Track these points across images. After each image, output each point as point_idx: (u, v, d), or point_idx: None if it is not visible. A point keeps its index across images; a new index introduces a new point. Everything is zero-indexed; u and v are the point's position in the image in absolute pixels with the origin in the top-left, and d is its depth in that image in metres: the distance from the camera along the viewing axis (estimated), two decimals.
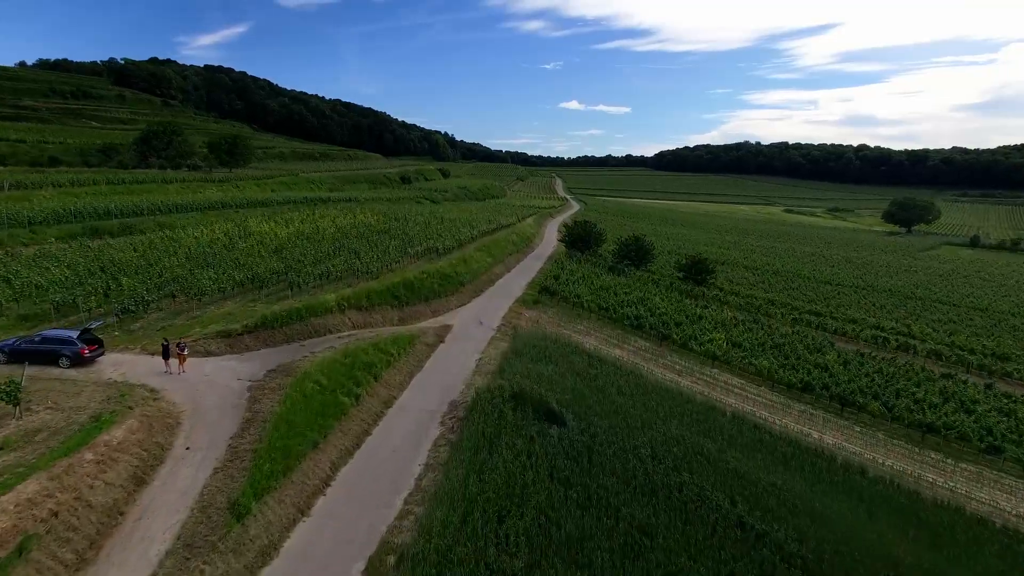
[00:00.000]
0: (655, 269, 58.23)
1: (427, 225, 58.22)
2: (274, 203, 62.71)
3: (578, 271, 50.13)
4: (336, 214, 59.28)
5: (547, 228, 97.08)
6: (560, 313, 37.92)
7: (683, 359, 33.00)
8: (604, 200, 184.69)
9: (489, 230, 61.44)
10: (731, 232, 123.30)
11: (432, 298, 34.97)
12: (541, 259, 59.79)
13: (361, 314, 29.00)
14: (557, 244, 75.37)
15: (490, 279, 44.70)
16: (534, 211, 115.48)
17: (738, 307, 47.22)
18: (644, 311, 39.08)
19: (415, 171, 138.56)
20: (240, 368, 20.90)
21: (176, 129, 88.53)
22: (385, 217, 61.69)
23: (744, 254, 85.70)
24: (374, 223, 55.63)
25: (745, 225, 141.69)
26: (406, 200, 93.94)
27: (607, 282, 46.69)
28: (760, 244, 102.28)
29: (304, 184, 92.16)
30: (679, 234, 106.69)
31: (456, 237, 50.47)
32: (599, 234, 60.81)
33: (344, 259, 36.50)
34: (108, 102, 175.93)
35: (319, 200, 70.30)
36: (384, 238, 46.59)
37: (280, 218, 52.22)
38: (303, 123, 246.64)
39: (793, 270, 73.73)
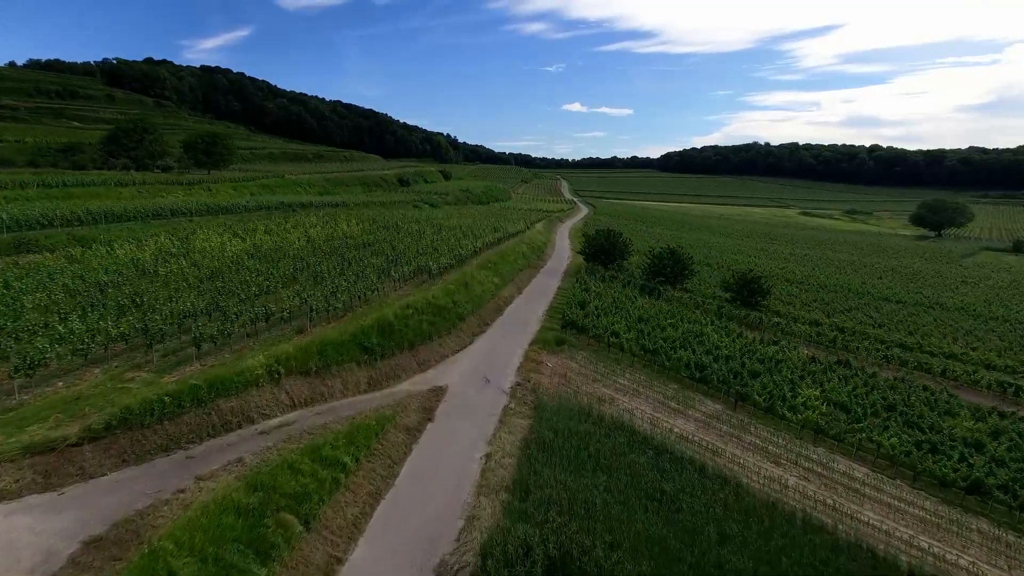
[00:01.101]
0: (694, 287, 48.21)
1: (421, 235, 48.31)
2: (245, 209, 52.96)
3: (606, 293, 40.11)
4: (314, 222, 49.47)
5: (558, 234, 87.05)
6: (593, 359, 27.93)
7: (773, 432, 22.96)
8: (613, 203, 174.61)
9: (495, 240, 51.49)
10: (754, 237, 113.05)
11: (420, 342, 25.04)
12: (556, 275, 49.82)
13: (309, 382, 19.04)
14: (571, 254, 65.41)
15: (498, 307, 34.73)
16: (542, 215, 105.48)
17: (806, 338, 37.16)
18: (702, 353, 29.06)
19: (414, 173, 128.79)
20: (40, 529, 11.02)
21: (148, 127, 78.94)
22: (373, 225, 51.80)
23: (779, 264, 75.52)
24: (357, 234, 45.76)
25: (766, 229, 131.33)
26: (402, 204, 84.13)
27: (644, 309, 36.63)
28: (791, 251, 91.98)
29: (289, 187, 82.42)
30: (701, 240, 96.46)
31: (455, 251, 40.55)
32: (625, 245, 50.77)
33: (302, 288, 26.60)
34: (96, 102, 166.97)
35: (300, 205, 60.52)
36: (364, 254, 36.72)
37: (242, 228, 42.47)
38: (302, 124, 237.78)
39: (840, 283, 63.51)
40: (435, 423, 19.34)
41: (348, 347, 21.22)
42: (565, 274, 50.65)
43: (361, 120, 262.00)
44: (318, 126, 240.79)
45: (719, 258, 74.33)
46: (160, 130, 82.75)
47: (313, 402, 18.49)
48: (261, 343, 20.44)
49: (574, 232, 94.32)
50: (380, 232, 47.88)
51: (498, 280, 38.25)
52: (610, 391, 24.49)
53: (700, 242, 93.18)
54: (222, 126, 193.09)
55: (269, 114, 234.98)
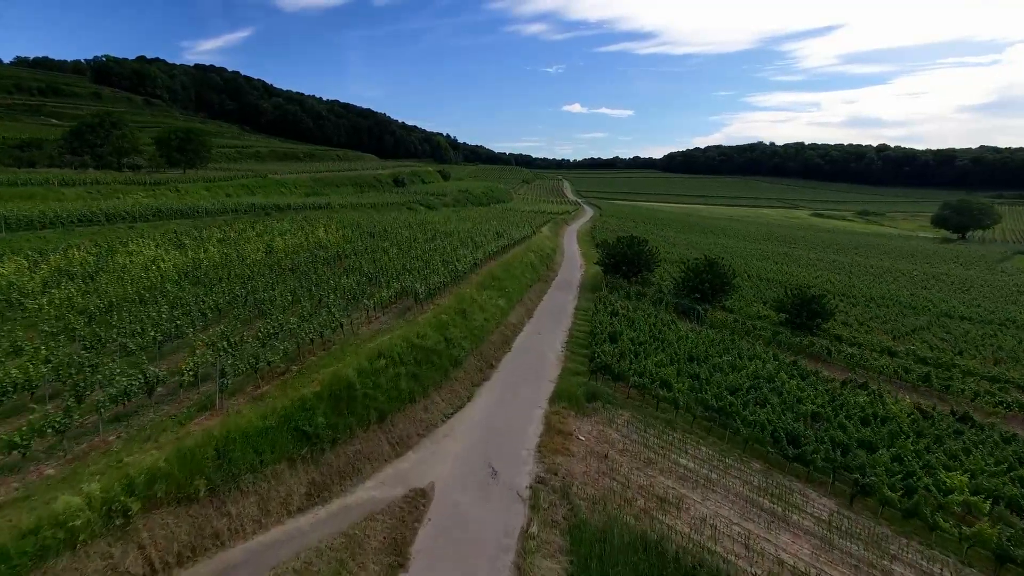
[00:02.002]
0: (734, 305, 40.27)
1: (411, 244, 40.36)
2: (207, 213, 44.97)
3: (637, 317, 32.10)
4: (285, 228, 41.54)
5: (565, 239, 79.12)
6: (639, 422, 20.00)
7: (925, 551, 15.13)
8: (617, 204, 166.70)
9: (498, 249, 43.52)
10: (771, 241, 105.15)
11: (396, 408, 17.13)
12: (571, 289, 41.91)
13: (192, 516, 11.12)
14: (583, 262, 57.56)
15: (504, 339, 26.78)
16: (547, 217, 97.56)
17: (890, 375, 29.20)
18: (781, 409, 21.15)
19: (410, 173, 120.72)
20: None
21: (116, 122, 71.01)
22: (355, 232, 43.88)
23: (812, 272, 67.58)
24: (334, 242, 37.80)
25: (781, 232, 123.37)
26: (395, 206, 76.19)
27: (691, 341, 28.59)
28: (818, 256, 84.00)
29: (271, 188, 74.43)
30: (719, 245, 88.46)
31: (451, 265, 32.60)
32: (651, 255, 42.72)
33: (228, 329, 18.66)
34: (81, 100, 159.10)
35: (276, 208, 52.54)
36: (335, 271, 28.80)
37: (193, 236, 34.56)
38: (298, 124, 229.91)
39: (888, 295, 55.55)
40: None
41: (276, 437, 13.26)
42: (581, 288, 42.73)
43: (359, 120, 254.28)
44: (315, 126, 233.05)
45: (745, 265, 66.33)
46: (130, 126, 74.81)
47: (195, 557, 10.52)
48: (130, 439, 12.47)
49: (582, 236, 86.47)
50: (362, 240, 39.93)
51: (504, 302, 30.29)
52: (673, 482, 16.53)
53: (718, 247, 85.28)
54: (214, 125, 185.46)
55: (264, 113, 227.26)
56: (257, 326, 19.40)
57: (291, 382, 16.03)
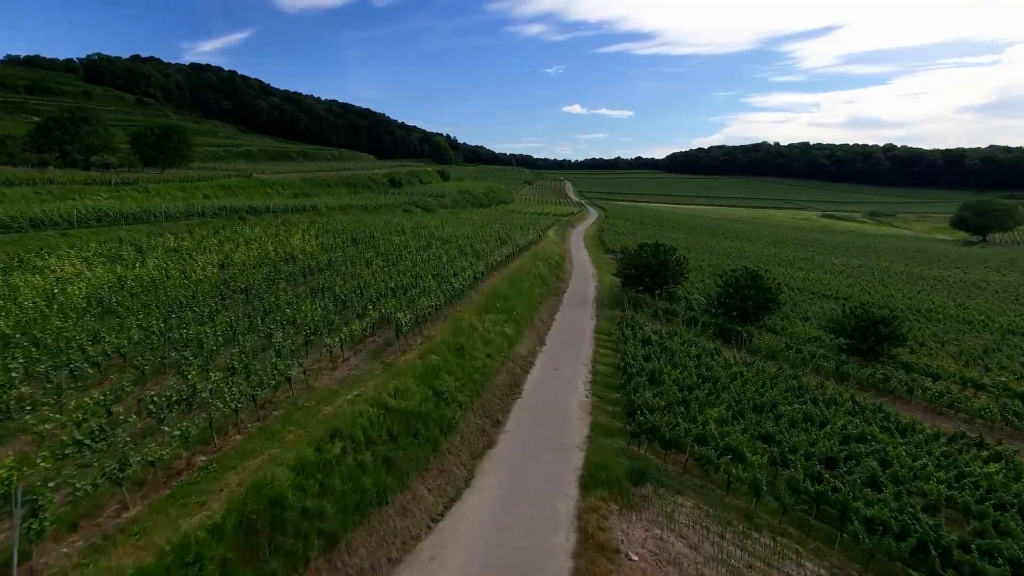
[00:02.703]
0: (776, 323, 34.17)
1: (401, 252, 34.30)
2: (172, 217, 38.83)
3: (674, 346, 25.87)
4: (255, 235, 35.51)
5: (572, 243, 73.08)
6: (709, 523, 13.98)
7: None
8: (622, 205, 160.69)
9: (503, 258, 37.48)
10: (788, 244, 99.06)
11: (353, 525, 11.14)
12: (586, 305, 35.78)
13: None
14: (595, 270, 51.51)
15: (512, 382, 20.64)
16: (551, 220, 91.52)
17: (990, 421, 23.19)
18: (890, 484, 15.19)
19: (407, 172, 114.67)
20: None
21: (87, 117, 65.09)
22: (339, 239, 37.85)
23: (843, 280, 61.49)
24: (309, 252, 31.76)
25: (795, 234, 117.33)
26: (389, 208, 70.16)
27: (745, 379, 22.50)
28: (843, 262, 77.85)
29: (256, 188, 68.45)
30: (735, 249, 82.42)
31: (446, 280, 26.61)
32: (680, 264, 36.57)
33: (106, 394, 12.61)
34: (71, 98, 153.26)
35: (252, 211, 46.46)
36: (299, 293, 22.74)
37: (140, 245, 28.60)
38: (296, 124, 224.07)
39: (935, 307, 49.53)
40: None
41: None
42: (597, 304, 36.63)
43: (358, 120, 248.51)
44: (312, 126, 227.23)
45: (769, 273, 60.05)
46: (103, 122, 68.82)
47: None
48: None
49: (589, 239, 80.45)
50: (344, 249, 33.91)
51: (511, 328, 24.21)
52: None
53: (734, 251, 79.26)
54: (208, 125, 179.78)
55: (261, 113, 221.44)
56: (157, 388, 13.33)
57: (183, 493, 9.99)
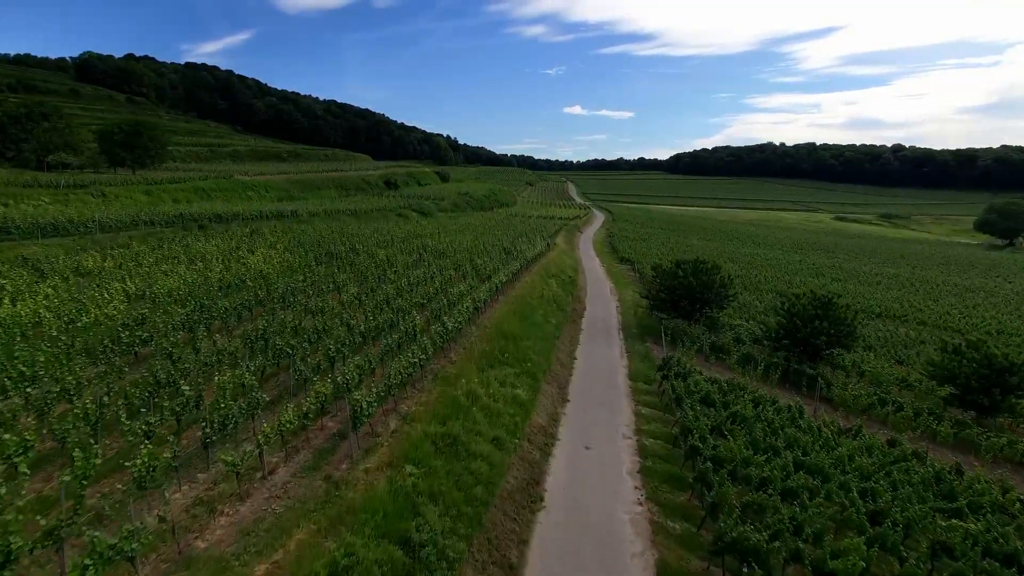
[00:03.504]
0: (847, 359, 27.38)
1: (384, 272, 27.56)
2: (113, 228, 32.13)
3: (743, 406, 19.03)
4: (211, 251, 28.81)
5: (581, 249, 66.34)
6: None
7: None
8: (627, 207, 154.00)
9: (509, 276, 30.75)
10: (807, 250, 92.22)
11: None
12: (611, 336, 28.98)
13: None
14: (611, 284, 44.79)
15: (530, 480, 13.66)
16: (558, 224, 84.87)
17: None
18: None
19: (404, 174, 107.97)
20: None
21: (47, 113, 58.48)
22: (311, 254, 31.12)
23: (885, 292, 54.64)
24: (266, 273, 25.08)
25: (812, 238, 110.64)
26: (382, 213, 63.46)
27: (857, 463, 15.75)
28: (875, 271, 71.02)
29: (235, 191, 61.83)
30: (758, 257, 75.69)
31: (437, 319, 19.95)
32: (724, 285, 29.60)
33: None
34: (56, 97, 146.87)
35: (217, 219, 39.72)
36: (215, 358, 16.05)
37: (34, 269, 21.99)
38: (293, 124, 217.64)
39: (1007, 328, 42.70)
40: None
41: None
42: (624, 332, 29.89)
43: (357, 120, 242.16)
44: (310, 126, 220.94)
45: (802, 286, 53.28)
46: (65, 118, 62.20)
47: None
48: None
49: (599, 245, 73.76)
50: (313, 269, 27.21)
51: (525, 389, 17.44)
52: None
53: (756, 258, 72.49)
54: (201, 124, 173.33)
55: (257, 113, 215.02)
56: None
57: None
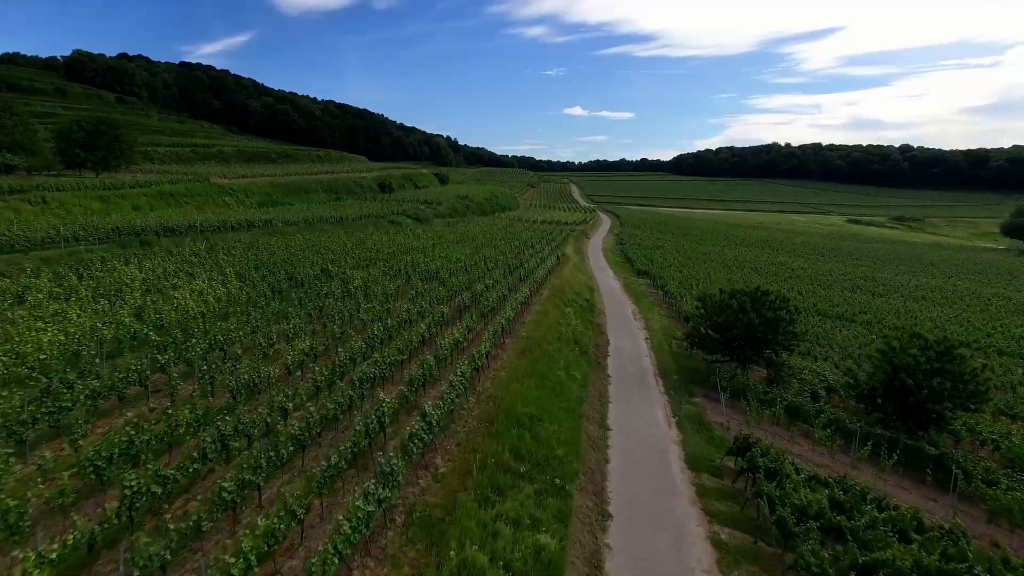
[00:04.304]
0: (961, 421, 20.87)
1: (357, 308, 21.09)
2: (27, 246, 25.69)
3: (867, 528, 12.66)
4: (139, 277, 22.38)
5: (592, 259, 59.69)
6: None
7: None
8: (633, 210, 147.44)
9: (518, 307, 24.18)
10: (831, 256, 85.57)
11: None
12: (647, 386, 22.37)
13: None
14: (634, 306, 38.24)
15: None
16: (564, 230, 78.49)
17: None
18: None
19: (401, 176, 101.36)
20: None
21: None
22: (266, 281, 24.57)
23: (936, 312, 48.09)
24: (194, 313, 18.60)
25: (831, 243, 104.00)
26: (373, 220, 56.91)
27: None
28: (907, 282, 64.38)
29: (211, 197, 55.31)
30: (779, 267, 69.12)
31: (418, 400, 13.51)
32: (790, 320, 22.80)
33: None
34: (42, 95, 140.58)
35: (170, 232, 33.19)
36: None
37: None
38: (289, 124, 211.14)
39: None
40: None
41: None
42: (663, 380, 23.32)
43: (355, 121, 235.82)
44: (307, 126, 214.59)
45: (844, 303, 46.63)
46: (20, 115, 55.64)
47: None
48: None
49: (609, 254, 67.13)
50: (259, 305, 20.66)
51: (552, 529, 10.89)
52: None
53: (783, 269, 65.80)
54: (192, 124, 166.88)
55: (253, 113, 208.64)
56: None
57: None
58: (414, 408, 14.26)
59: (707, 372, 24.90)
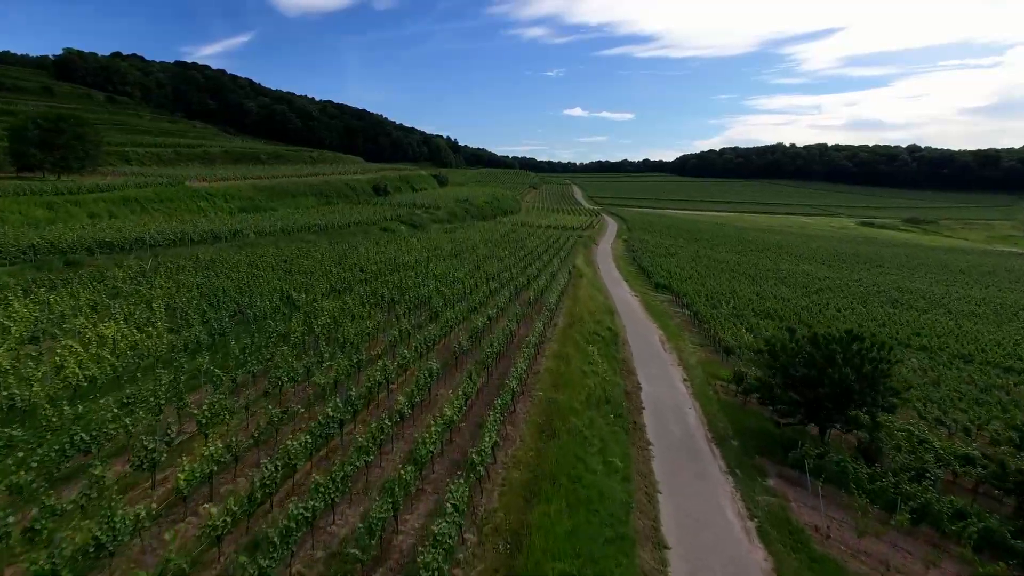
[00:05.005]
0: None
1: (315, 363, 15.40)
2: None
3: None
4: (19, 320, 16.79)
5: (602, 269, 54.03)
6: None
7: None
8: (639, 213, 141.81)
9: (529, 358, 18.50)
10: (852, 261, 79.88)
11: None
12: (699, 460, 16.53)
13: None
14: (660, 331, 32.54)
15: None
16: (569, 235, 72.87)
17: None
18: None
19: (397, 178, 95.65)
20: None
21: None
22: (207, 322, 18.88)
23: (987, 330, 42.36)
24: (70, 383, 12.99)
25: (850, 248, 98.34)
26: (363, 227, 51.25)
27: None
28: (947, 293, 58.66)
29: (183, 202, 49.64)
30: (806, 278, 63.48)
31: None
32: (885, 371, 17.09)
33: None
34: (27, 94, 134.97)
35: (108, 249, 27.57)
36: None
37: None
38: (286, 125, 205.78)
39: None
40: None
41: None
42: (721, 452, 17.67)
43: (353, 121, 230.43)
44: (304, 127, 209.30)
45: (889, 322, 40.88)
46: None
47: None
48: None
49: (621, 262, 61.41)
50: (176, 365, 14.98)
51: None
52: None
53: (811, 280, 59.97)
54: (185, 124, 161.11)
55: (249, 113, 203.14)
56: None
57: None
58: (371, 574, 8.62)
59: (772, 432, 19.28)
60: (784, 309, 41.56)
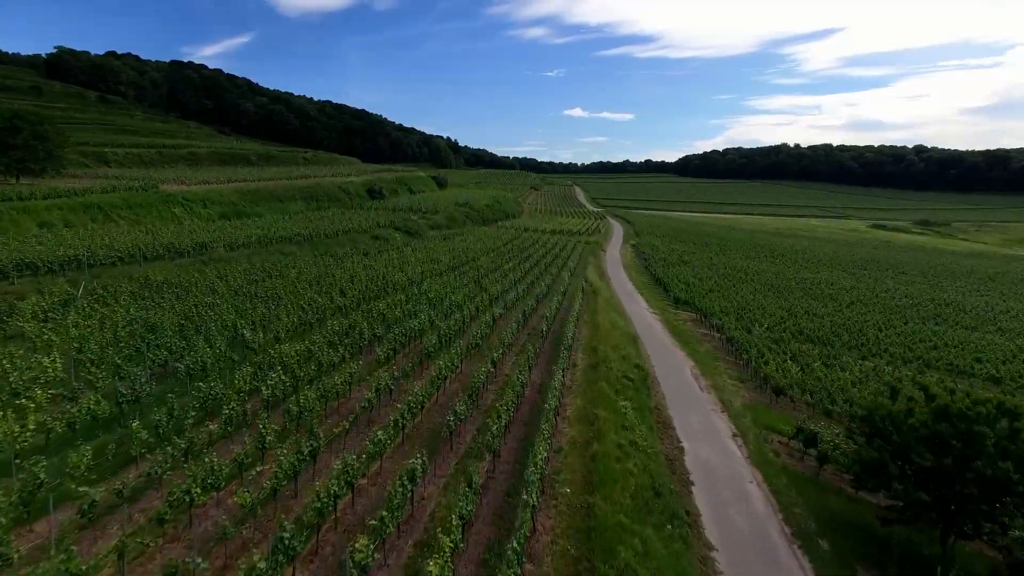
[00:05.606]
0: None
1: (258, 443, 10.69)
2: None
3: None
4: None
5: (614, 280, 49.08)
6: None
7: None
8: (645, 215, 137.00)
9: (547, 433, 13.66)
10: (880, 271, 74.95)
11: None
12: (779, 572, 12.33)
13: None
14: (692, 363, 27.68)
15: None
16: (575, 241, 68.16)
17: None
18: None
19: (393, 180, 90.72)
20: None
21: None
22: (130, 374, 14.08)
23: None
24: None
25: (863, 252, 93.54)
26: (352, 236, 46.42)
27: None
28: (991, 305, 53.79)
29: (155, 208, 44.84)
30: (834, 289, 58.71)
31: None
32: (995, 466, 12.22)
33: None
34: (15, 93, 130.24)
35: (32, 270, 22.78)
36: None
37: None
38: (284, 125, 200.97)
39: None
40: None
41: None
42: (805, 553, 13.02)
43: (352, 121, 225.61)
44: (302, 127, 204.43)
45: (948, 340, 36.10)
46: None
47: None
48: None
49: (632, 271, 56.56)
50: (36, 467, 10.19)
51: None
52: None
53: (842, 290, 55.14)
54: (179, 124, 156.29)
55: (246, 114, 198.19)
56: None
57: None
58: None
59: (870, 526, 14.50)
60: (821, 329, 36.73)
